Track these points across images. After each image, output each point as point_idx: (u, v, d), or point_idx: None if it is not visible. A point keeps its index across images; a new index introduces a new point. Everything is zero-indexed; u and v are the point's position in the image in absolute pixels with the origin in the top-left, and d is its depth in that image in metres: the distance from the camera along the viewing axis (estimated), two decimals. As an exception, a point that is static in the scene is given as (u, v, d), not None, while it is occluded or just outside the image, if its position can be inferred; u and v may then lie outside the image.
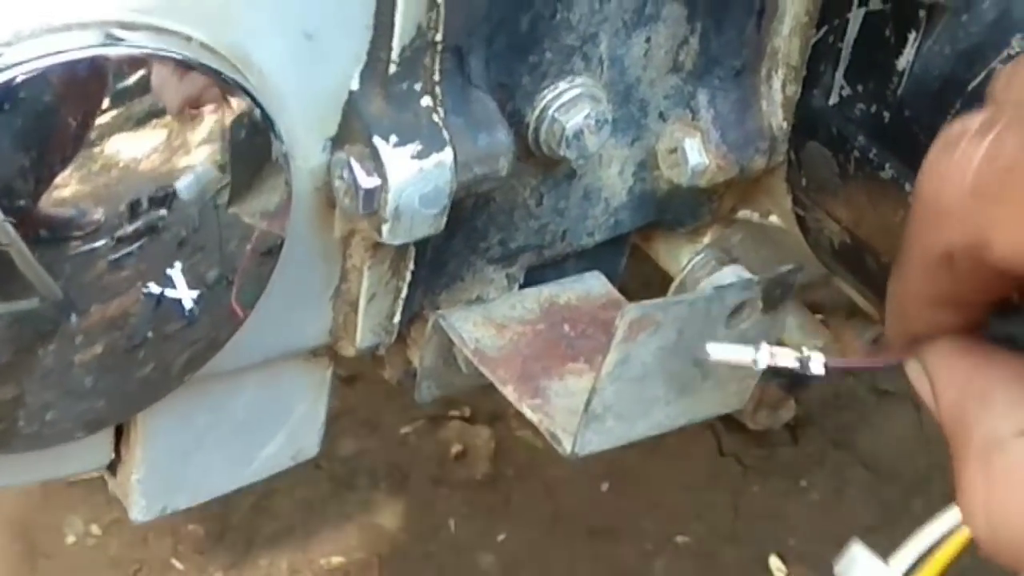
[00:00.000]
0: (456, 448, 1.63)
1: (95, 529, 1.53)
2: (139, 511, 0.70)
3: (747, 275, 0.74)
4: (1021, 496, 0.41)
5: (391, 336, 0.68)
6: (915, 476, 1.62)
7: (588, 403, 0.61)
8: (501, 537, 1.54)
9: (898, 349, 0.48)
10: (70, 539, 1.51)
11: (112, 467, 0.69)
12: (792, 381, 1.60)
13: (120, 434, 0.68)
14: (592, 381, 0.61)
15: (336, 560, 1.52)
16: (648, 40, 0.69)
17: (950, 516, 0.52)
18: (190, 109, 0.55)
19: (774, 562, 1.55)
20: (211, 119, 0.55)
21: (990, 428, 0.42)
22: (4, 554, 1.49)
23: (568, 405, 0.65)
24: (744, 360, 0.52)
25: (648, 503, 1.58)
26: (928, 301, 0.46)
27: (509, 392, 0.66)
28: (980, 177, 0.41)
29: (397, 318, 0.68)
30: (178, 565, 1.50)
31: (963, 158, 0.41)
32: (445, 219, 0.62)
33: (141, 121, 0.54)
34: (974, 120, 0.42)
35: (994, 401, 0.43)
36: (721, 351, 0.53)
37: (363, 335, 0.67)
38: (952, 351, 0.45)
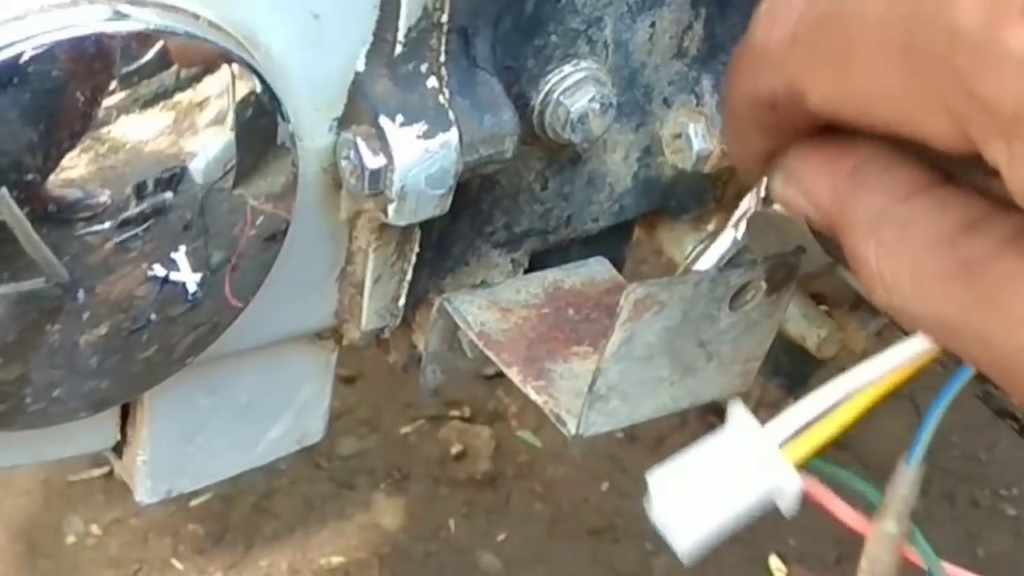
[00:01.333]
0: (456, 448, 1.63)
1: (95, 529, 1.53)
2: (145, 492, 0.70)
3: (751, 256, 0.74)
4: (908, 260, 0.42)
5: (396, 319, 0.68)
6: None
7: (593, 384, 0.61)
8: (501, 537, 1.55)
9: (746, 174, 0.50)
10: (70, 539, 1.52)
11: (118, 449, 0.69)
12: (792, 381, 1.60)
13: (126, 415, 0.68)
14: (596, 364, 0.61)
15: (336, 560, 1.52)
16: (653, 25, 0.69)
17: (835, 386, 0.51)
18: (197, 88, 0.55)
19: (774, 562, 1.55)
20: (218, 99, 0.55)
21: (870, 203, 0.43)
22: (4, 554, 1.49)
23: (573, 387, 0.65)
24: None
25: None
26: (759, 131, 0.47)
27: (514, 374, 0.66)
28: (799, 26, 0.41)
29: (402, 301, 0.68)
30: (178, 565, 1.50)
31: (790, 5, 0.42)
32: (450, 200, 0.62)
33: (147, 100, 0.54)
34: None
35: (867, 179, 0.44)
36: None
37: (368, 318, 0.67)
38: (813, 150, 0.46)
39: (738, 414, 0.53)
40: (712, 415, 1.65)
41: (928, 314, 0.41)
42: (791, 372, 1.57)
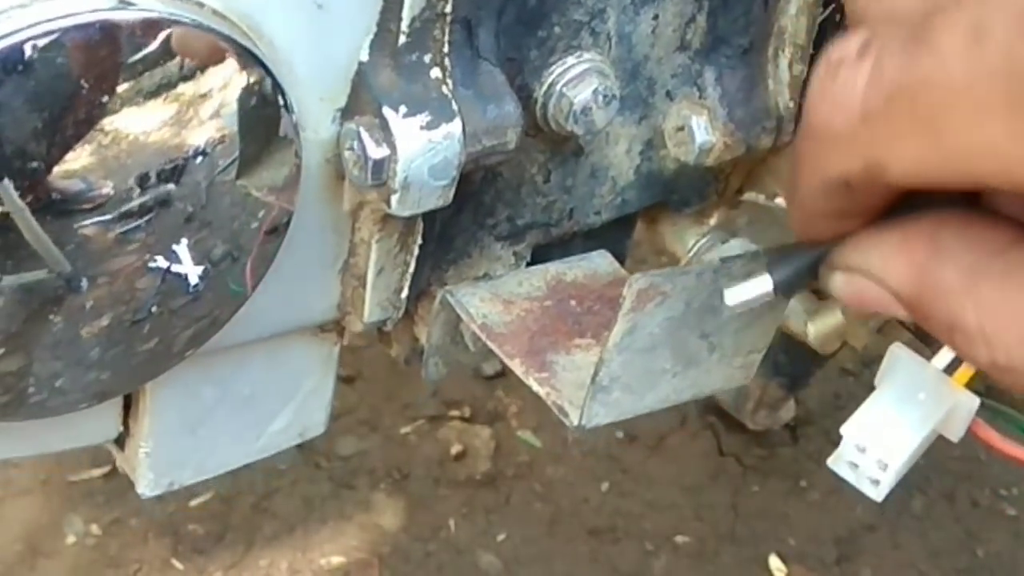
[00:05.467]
0: (456, 448, 1.63)
1: (95, 529, 1.52)
2: (146, 485, 0.70)
3: (753, 247, 0.74)
4: (1012, 310, 0.41)
5: (399, 311, 0.68)
6: (915, 476, 1.62)
7: (595, 374, 0.61)
8: (501, 537, 1.54)
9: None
10: (70, 539, 1.51)
11: (120, 441, 0.69)
12: (792, 380, 1.60)
13: (128, 407, 0.68)
14: (599, 355, 0.61)
15: (336, 560, 1.51)
16: (656, 17, 0.69)
17: None
18: (201, 78, 0.55)
19: (774, 562, 1.55)
20: (222, 89, 0.55)
21: (959, 265, 0.43)
22: (4, 554, 1.49)
23: (575, 379, 0.65)
24: (763, 290, 0.52)
25: (648, 503, 1.59)
26: (828, 218, 0.46)
27: (516, 366, 0.66)
28: (867, 103, 0.41)
29: (405, 293, 0.68)
30: (178, 565, 1.50)
31: (848, 85, 0.41)
32: (453, 191, 0.62)
33: (151, 90, 0.54)
34: (850, 43, 0.42)
35: (948, 244, 0.43)
36: (738, 294, 0.53)
37: (371, 310, 0.67)
38: (874, 238, 0.46)
39: (898, 353, 0.55)
40: (712, 414, 1.65)
41: None
42: (791, 371, 1.57)
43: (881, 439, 0.55)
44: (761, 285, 0.53)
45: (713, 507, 1.59)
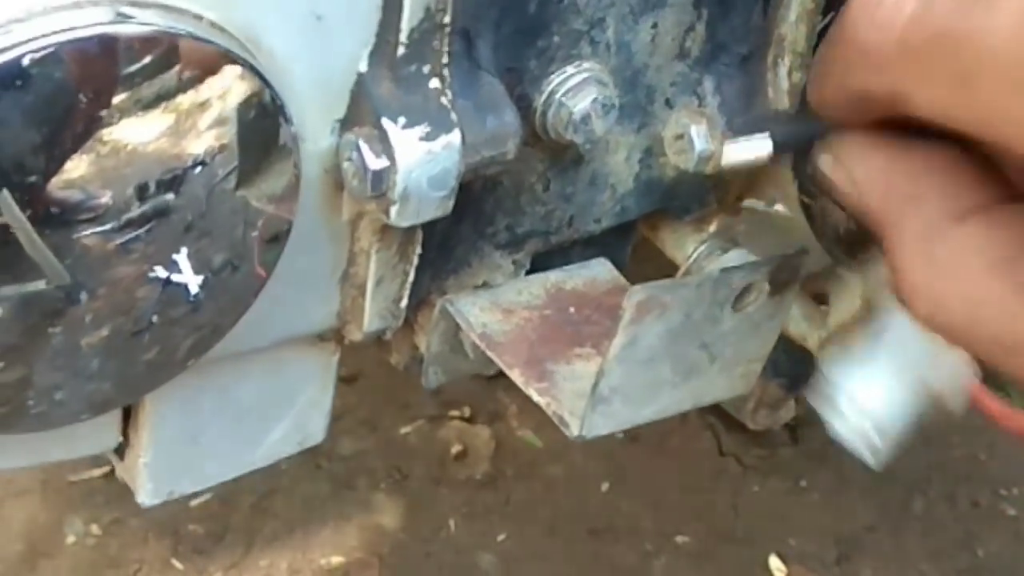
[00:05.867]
0: (456, 448, 1.63)
1: (95, 529, 1.53)
2: (146, 494, 0.70)
3: (753, 258, 0.74)
4: (957, 284, 0.42)
5: (398, 320, 0.68)
6: (915, 476, 1.62)
7: (595, 386, 0.61)
8: (501, 537, 1.55)
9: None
10: (70, 539, 1.51)
11: (120, 450, 0.69)
12: (792, 381, 1.60)
13: (128, 417, 0.68)
14: (599, 365, 0.61)
15: (336, 560, 1.52)
16: (655, 26, 0.69)
17: None
18: (199, 90, 0.55)
19: (774, 562, 1.55)
20: (221, 100, 0.55)
21: (923, 217, 0.43)
22: (4, 554, 1.49)
23: (575, 388, 0.65)
24: (763, 149, 0.52)
25: (648, 503, 1.59)
26: (843, 108, 0.47)
27: (516, 376, 0.66)
28: (908, 34, 0.41)
29: (404, 302, 0.68)
30: (178, 565, 1.50)
31: (895, 9, 0.42)
32: (453, 202, 0.62)
33: (150, 102, 0.54)
34: None
35: (923, 189, 0.44)
36: (737, 151, 0.52)
37: (370, 319, 0.67)
38: (871, 143, 0.46)
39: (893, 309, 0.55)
40: (712, 414, 1.65)
41: (980, 334, 0.42)
42: (791, 372, 1.57)
43: (871, 390, 0.55)
44: (762, 144, 0.52)
45: (713, 507, 1.59)
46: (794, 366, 1.56)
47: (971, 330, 0.42)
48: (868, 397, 0.55)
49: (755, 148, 0.53)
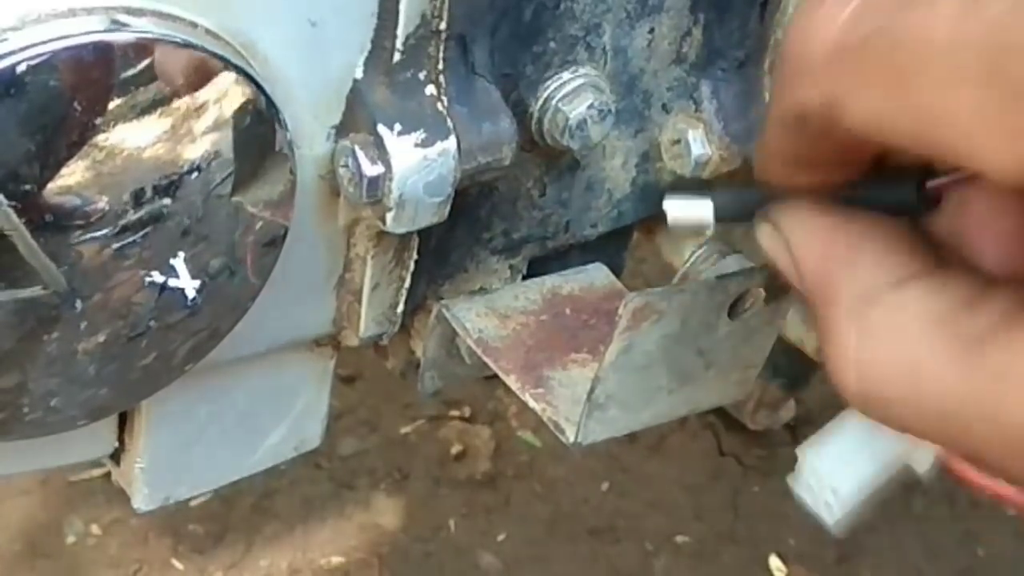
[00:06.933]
0: (456, 448, 1.63)
1: (95, 529, 1.53)
2: (142, 500, 0.70)
3: (750, 264, 0.74)
4: (894, 348, 0.40)
5: (394, 326, 0.68)
6: (915, 476, 1.62)
7: (591, 392, 0.61)
8: (501, 537, 1.55)
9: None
10: (70, 539, 1.52)
11: (116, 456, 0.69)
12: (791, 382, 1.60)
13: (124, 423, 0.68)
14: (595, 371, 0.61)
15: (336, 560, 1.52)
16: (651, 31, 0.69)
17: None
18: (195, 96, 0.55)
19: (774, 562, 1.55)
20: (216, 107, 0.55)
21: (860, 283, 0.42)
22: (4, 554, 1.49)
23: (571, 395, 0.65)
24: (703, 213, 0.51)
25: (648, 503, 1.59)
26: (784, 159, 0.45)
27: (512, 382, 0.66)
28: (842, 39, 0.40)
29: (400, 308, 0.68)
30: (178, 565, 1.50)
31: (828, 17, 0.40)
32: (449, 208, 0.62)
33: (145, 108, 0.54)
34: None
35: (861, 256, 0.43)
36: (677, 208, 0.52)
37: (366, 325, 0.67)
38: (809, 212, 0.45)
39: None
40: (712, 414, 1.65)
41: (920, 404, 0.40)
42: (790, 373, 1.57)
43: (835, 465, 0.55)
44: (702, 207, 0.52)
45: (713, 507, 1.60)
46: (793, 367, 1.56)
47: (910, 400, 0.40)
48: (831, 471, 0.55)
49: (696, 212, 0.52)
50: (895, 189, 0.45)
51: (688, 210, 0.51)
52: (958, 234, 0.44)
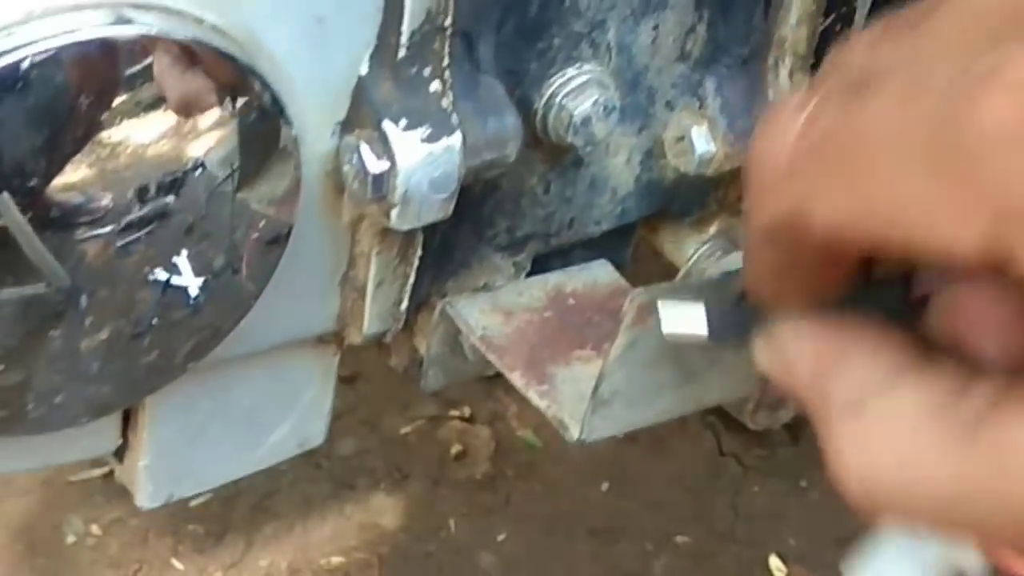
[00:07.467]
0: (456, 448, 1.63)
1: (95, 529, 1.53)
2: (145, 497, 0.70)
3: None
4: (891, 446, 0.40)
5: (398, 323, 0.68)
6: None
7: (596, 388, 0.61)
8: (501, 537, 1.55)
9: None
10: (70, 539, 1.51)
11: (119, 453, 0.69)
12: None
13: (127, 420, 0.68)
14: (600, 368, 0.61)
15: (336, 560, 1.52)
16: (656, 28, 0.69)
17: None
18: (200, 93, 0.55)
19: (774, 562, 1.55)
20: (221, 103, 0.55)
21: (850, 388, 0.42)
22: (4, 554, 1.49)
23: (576, 391, 0.65)
24: (699, 333, 0.51)
25: (648, 503, 1.58)
26: (767, 274, 0.46)
27: (516, 378, 0.66)
28: (796, 150, 0.40)
29: (404, 305, 0.68)
30: (178, 565, 1.50)
31: (781, 133, 0.41)
32: (453, 204, 0.62)
33: (150, 104, 0.54)
34: (795, 97, 0.41)
35: (850, 360, 0.43)
36: (673, 325, 0.52)
37: (370, 321, 0.67)
38: (800, 322, 0.45)
39: None
40: (712, 414, 1.65)
41: (920, 495, 0.39)
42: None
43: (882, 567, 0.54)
44: (698, 327, 0.52)
45: (713, 507, 1.59)
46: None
47: (914, 494, 0.39)
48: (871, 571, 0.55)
49: (691, 325, 0.52)
50: (883, 294, 0.46)
51: (683, 323, 0.52)
52: (952, 327, 0.45)
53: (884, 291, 0.46)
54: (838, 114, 0.39)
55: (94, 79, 0.52)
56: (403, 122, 0.59)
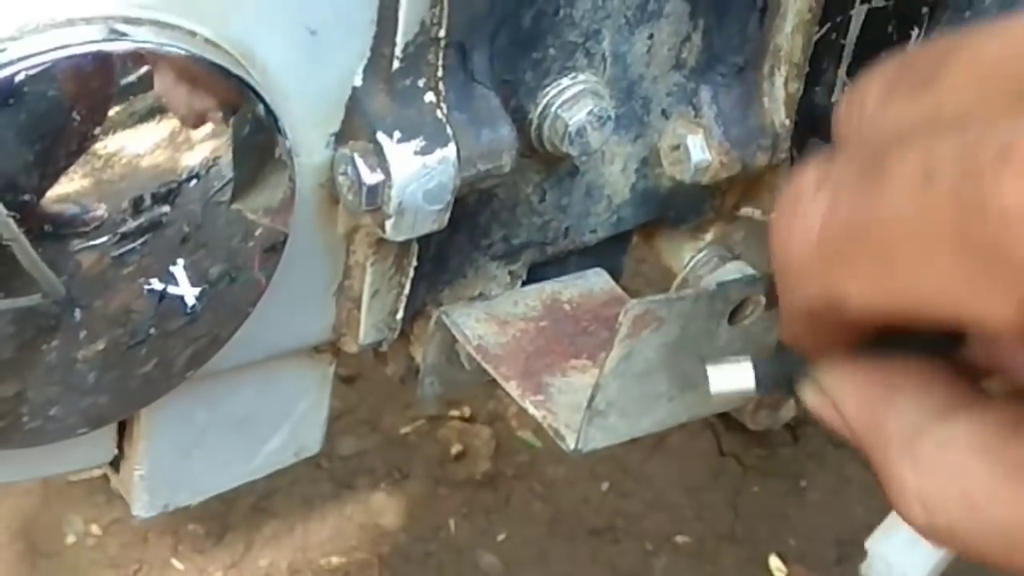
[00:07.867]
0: (456, 448, 1.63)
1: (95, 529, 1.53)
2: (141, 507, 0.70)
3: (750, 271, 0.74)
4: (948, 481, 0.41)
5: (394, 332, 0.68)
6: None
7: (591, 399, 0.61)
8: (501, 537, 1.55)
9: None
10: (70, 539, 1.52)
11: (115, 463, 0.69)
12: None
13: (123, 430, 0.68)
14: (595, 377, 0.61)
15: (336, 560, 1.52)
16: (651, 37, 0.69)
17: None
18: (194, 105, 0.55)
19: (774, 562, 1.55)
20: (215, 115, 0.55)
21: (905, 422, 0.43)
22: (4, 554, 1.49)
23: (571, 401, 0.65)
24: (747, 387, 0.52)
25: (648, 503, 1.59)
26: (806, 338, 0.46)
27: (512, 388, 0.66)
28: (823, 237, 0.41)
29: (400, 314, 0.68)
30: (178, 565, 1.50)
31: (805, 218, 0.41)
32: (448, 215, 0.62)
33: (145, 117, 0.54)
34: (808, 176, 0.42)
35: (902, 397, 0.44)
36: (722, 383, 0.53)
37: (366, 331, 0.67)
38: (846, 365, 0.46)
39: None
40: (712, 415, 1.65)
41: (983, 528, 0.41)
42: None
43: (903, 553, 0.54)
44: (745, 377, 0.53)
45: (713, 507, 1.59)
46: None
47: (971, 527, 0.41)
48: (900, 559, 0.55)
49: (739, 382, 0.53)
50: (923, 333, 0.46)
51: (731, 381, 0.53)
52: (994, 359, 0.45)
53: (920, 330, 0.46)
54: (858, 200, 0.40)
55: (88, 93, 0.52)
56: (397, 134, 0.59)
